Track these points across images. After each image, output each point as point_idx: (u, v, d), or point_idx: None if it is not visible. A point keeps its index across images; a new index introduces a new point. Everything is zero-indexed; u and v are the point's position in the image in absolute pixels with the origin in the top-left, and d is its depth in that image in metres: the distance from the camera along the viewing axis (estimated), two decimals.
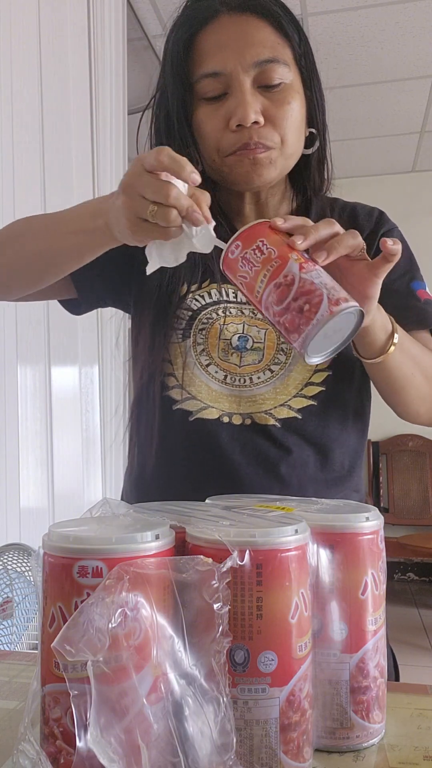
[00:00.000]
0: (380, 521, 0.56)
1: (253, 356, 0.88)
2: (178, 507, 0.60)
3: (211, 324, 0.90)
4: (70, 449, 2.18)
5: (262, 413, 0.87)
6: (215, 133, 0.85)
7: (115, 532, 0.47)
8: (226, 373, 0.88)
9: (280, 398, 0.88)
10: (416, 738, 0.54)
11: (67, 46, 2.16)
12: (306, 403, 0.88)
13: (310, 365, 0.87)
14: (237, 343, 0.89)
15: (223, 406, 0.88)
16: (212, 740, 0.42)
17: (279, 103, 0.84)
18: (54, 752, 0.44)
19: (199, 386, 0.89)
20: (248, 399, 0.88)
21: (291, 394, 0.88)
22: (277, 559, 0.47)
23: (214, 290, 0.92)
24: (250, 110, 0.82)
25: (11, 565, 1.65)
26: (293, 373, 0.88)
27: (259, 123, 0.83)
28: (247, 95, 0.82)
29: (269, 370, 0.88)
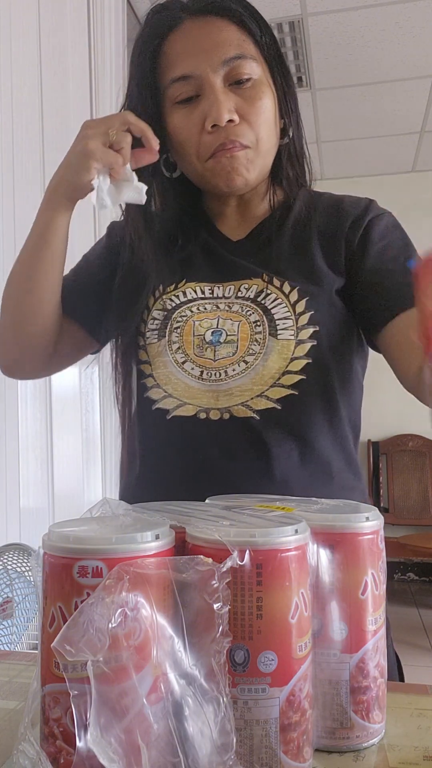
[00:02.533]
0: (380, 521, 0.56)
1: (227, 349, 0.88)
2: (178, 507, 0.60)
3: (185, 321, 0.90)
4: (70, 449, 2.18)
5: (239, 406, 0.86)
6: (192, 138, 0.86)
7: (115, 532, 0.47)
8: (202, 369, 0.88)
9: (257, 389, 0.86)
10: (416, 738, 0.54)
11: (67, 46, 2.16)
12: (284, 392, 0.86)
13: (286, 353, 0.86)
14: (210, 338, 0.89)
15: (201, 402, 0.87)
16: (212, 740, 0.42)
17: (251, 100, 0.85)
18: (54, 752, 0.44)
19: (176, 384, 0.89)
20: (225, 393, 0.86)
21: (268, 384, 0.86)
22: (277, 559, 0.47)
23: (189, 289, 0.92)
24: (224, 109, 0.82)
25: (11, 565, 1.65)
26: (269, 362, 0.86)
27: (234, 121, 0.83)
28: (220, 94, 0.83)
29: (244, 361, 0.87)
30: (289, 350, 0.86)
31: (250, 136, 0.85)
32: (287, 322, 0.87)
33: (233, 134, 0.84)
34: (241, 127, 0.84)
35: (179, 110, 0.87)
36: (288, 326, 0.87)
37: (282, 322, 0.87)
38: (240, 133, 0.84)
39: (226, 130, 0.83)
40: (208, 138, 0.85)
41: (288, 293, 0.88)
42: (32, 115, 1.93)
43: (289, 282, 0.89)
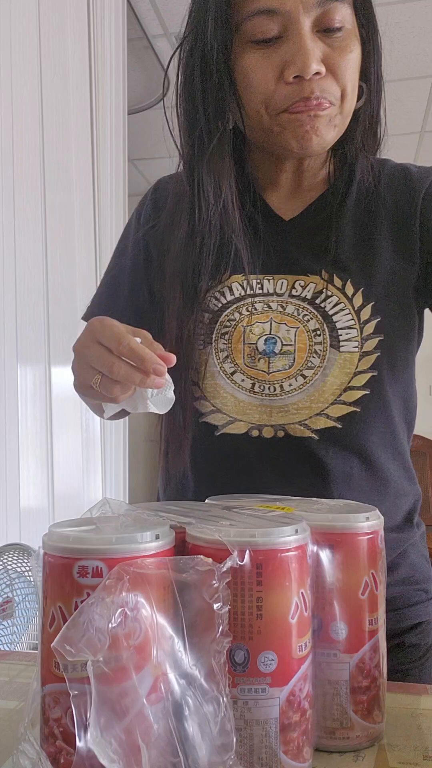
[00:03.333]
0: (380, 521, 0.56)
1: (283, 361, 0.79)
2: (178, 507, 0.60)
3: (234, 326, 0.81)
4: (70, 449, 2.18)
5: (295, 424, 0.78)
6: (265, 85, 0.72)
7: (115, 532, 0.46)
8: (254, 381, 0.80)
9: (316, 407, 0.78)
10: (416, 738, 0.54)
11: (67, 46, 2.16)
12: (347, 410, 0.78)
13: (349, 368, 0.77)
14: (264, 347, 0.80)
15: (252, 418, 0.79)
16: (212, 740, 0.42)
17: (341, 52, 0.72)
18: (54, 752, 0.44)
19: (225, 398, 0.81)
20: (279, 409, 0.79)
21: (328, 401, 0.78)
22: (277, 559, 0.47)
23: (236, 284, 0.82)
24: (312, 59, 0.69)
25: (11, 565, 1.65)
26: (330, 378, 0.77)
27: (320, 74, 0.71)
28: (308, 41, 0.70)
29: (302, 375, 0.78)
30: (353, 364, 0.78)
31: (336, 91, 0.73)
32: (351, 332, 0.78)
33: (318, 88, 0.71)
34: (327, 82, 0.72)
35: (254, 50, 0.72)
36: (352, 336, 0.78)
37: (345, 332, 0.78)
38: (325, 87, 0.72)
39: (310, 83, 0.71)
40: (286, 89, 0.72)
41: (351, 296, 0.79)
42: (32, 115, 1.93)
43: (352, 282, 0.79)
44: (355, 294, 0.79)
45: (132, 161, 3.62)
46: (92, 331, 0.65)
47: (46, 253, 2.00)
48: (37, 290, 1.96)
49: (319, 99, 0.72)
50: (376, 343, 0.78)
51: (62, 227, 2.11)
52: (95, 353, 0.64)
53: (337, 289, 0.79)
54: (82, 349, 0.67)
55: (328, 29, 0.71)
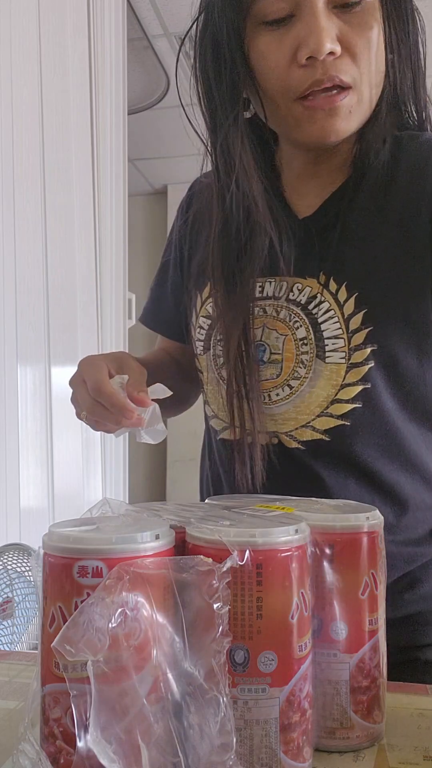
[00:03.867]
0: (380, 521, 0.56)
1: (271, 370, 0.77)
2: (178, 507, 0.60)
3: None
4: (70, 449, 2.18)
5: (284, 434, 0.77)
6: (280, 69, 0.68)
7: (115, 532, 0.47)
8: None
9: (302, 418, 0.75)
10: (416, 738, 0.54)
11: (67, 46, 2.16)
12: (334, 423, 0.74)
13: (335, 380, 0.74)
14: None
15: (246, 425, 0.77)
16: (212, 740, 0.42)
17: (359, 29, 0.66)
18: (54, 752, 0.44)
19: (221, 403, 0.80)
20: (270, 417, 0.77)
21: (314, 413, 0.75)
22: (277, 559, 0.47)
23: None
24: (326, 37, 0.64)
25: (11, 565, 1.65)
26: (316, 389, 0.74)
27: (335, 53, 0.65)
28: (321, 18, 0.64)
29: (288, 385, 0.76)
30: (340, 376, 0.74)
31: (353, 71, 0.67)
32: (338, 342, 0.74)
33: (333, 68, 0.66)
34: (343, 62, 0.66)
35: (267, 33, 0.68)
36: (338, 347, 0.73)
37: (332, 342, 0.74)
38: (341, 68, 0.66)
39: (324, 63, 0.65)
40: (300, 72, 0.67)
41: (343, 303, 0.74)
42: (32, 115, 1.93)
43: (347, 286, 0.73)
44: (347, 300, 0.74)
45: (132, 161, 3.62)
46: (80, 369, 0.71)
47: (46, 253, 2.00)
48: (37, 290, 1.96)
49: (334, 80, 0.66)
50: (367, 354, 0.73)
51: (62, 227, 2.11)
52: (80, 392, 0.71)
53: (330, 294, 0.75)
54: (72, 385, 0.73)
55: (345, 4, 0.66)
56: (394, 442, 0.76)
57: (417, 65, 0.75)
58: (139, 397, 0.67)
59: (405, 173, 0.74)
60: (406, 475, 0.77)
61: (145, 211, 4.33)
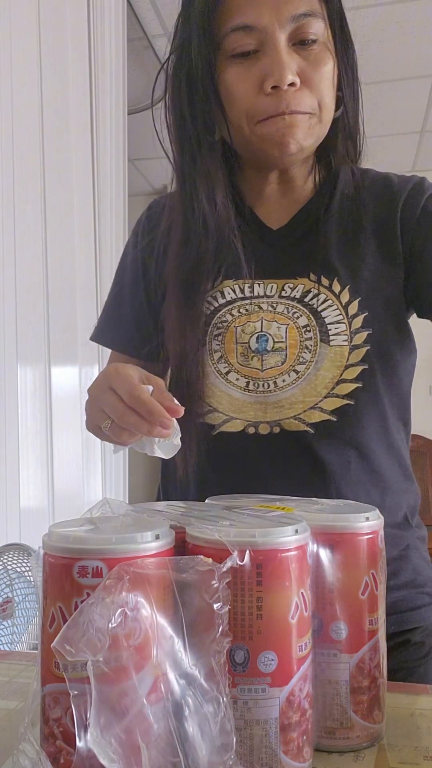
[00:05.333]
0: (380, 521, 0.56)
1: (276, 358, 0.81)
2: (178, 507, 0.60)
3: (227, 327, 0.83)
4: (70, 449, 2.18)
5: (291, 419, 0.80)
6: (247, 97, 0.76)
7: (115, 532, 0.47)
8: (248, 380, 0.82)
9: (310, 400, 0.80)
10: (416, 738, 0.54)
11: (67, 46, 2.16)
12: (340, 403, 0.80)
13: (340, 361, 0.80)
14: (256, 345, 0.82)
15: (248, 416, 0.81)
16: (212, 740, 0.42)
17: (315, 64, 0.76)
18: (54, 752, 0.44)
19: (220, 397, 0.83)
20: (274, 405, 0.81)
21: (321, 394, 0.80)
22: (277, 559, 0.47)
23: (228, 288, 0.85)
24: (288, 71, 0.74)
25: (11, 565, 1.65)
26: (321, 371, 0.80)
27: (295, 85, 0.75)
28: (284, 54, 0.74)
29: (294, 371, 0.80)
30: (344, 357, 0.80)
31: (312, 102, 0.76)
32: (340, 326, 0.80)
33: (294, 101, 0.75)
34: (302, 93, 0.76)
35: (235, 64, 0.77)
36: (341, 330, 0.80)
37: (334, 327, 0.80)
38: (300, 99, 0.76)
39: (286, 94, 0.75)
40: (265, 100, 0.76)
41: (339, 293, 0.82)
42: (32, 115, 1.93)
43: (339, 280, 0.82)
44: (342, 291, 0.82)
45: (132, 161, 3.62)
46: (107, 377, 0.68)
47: (46, 253, 2.00)
48: (37, 290, 1.96)
49: (292, 111, 0.75)
50: (365, 337, 0.81)
51: (62, 227, 2.11)
52: (108, 399, 0.67)
53: (324, 287, 0.82)
54: (96, 393, 0.71)
55: (303, 42, 0.76)
56: (384, 424, 0.83)
57: (358, 104, 0.85)
58: (173, 407, 0.66)
59: (369, 196, 0.86)
60: (388, 457, 0.84)
61: None
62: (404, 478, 0.87)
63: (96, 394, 0.71)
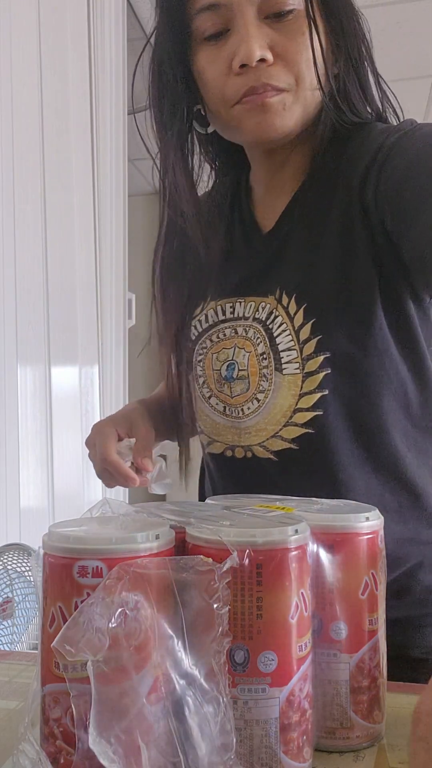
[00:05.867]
0: (380, 521, 0.56)
1: (241, 385, 0.80)
2: (178, 507, 0.60)
3: (206, 353, 0.84)
4: (70, 449, 2.18)
5: (257, 446, 0.80)
6: (219, 80, 0.72)
7: (115, 532, 0.47)
8: (224, 405, 0.82)
9: (270, 429, 0.78)
10: None
11: (67, 46, 2.16)
12: (300, 431, 0.76)
13: (294, 390, 0.76)
14: (226, 373, 0.81)
15: (226, 439, 0.83)
16: (212, 740, 0.42)
17: (291, 35, 0.69)
18: (54, 752, 0.44)
19: (205, 420, 0.85)
20: (245, 431, 0.81)
21: (280, 423, 0.77)
22: (277, 559, 0.47)
23: (211, 311, 0.84)
24: (254, 45, 0.67)
25: (11, 565, 1.65)
26: (279, 400, 0.77)
27: (267, 60, 0.69)
28: (251, 27, 0.68)
29: (256, 399, 0.79)
30: (297, 386, 0.76)
31: (288, 77, 0.70)
32: (291, 354, 0.76)
33: (266, 76, 0.69)
34: (276, 68, 0.69)
35: (207, 48, 0.72)
36: (292, 358, 0.76)
37: (286, 354, 0.76)
38: (274, 74, 0.69)
39: (257, 71, 0.69)
40: (236, 80, 0.70)
41: (294, 315, 0.76)
42: (32, 115, 1.93)
43: (295, 299, 0.76)
44: (297, 312, 0.76)
45: (132, 161, 3.62)
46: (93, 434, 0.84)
47: (46, 253, 2.00)
48: (37, 290, 1.96)
49: (266, 86, 0.69)
50: (321, 361, 0.74)
51: (62, 227, 2.11)
52: (92, 455, 0.83)
53: (283, 308, 0.77)
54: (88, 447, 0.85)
55: (278, 14, 0.69)
56: (363, 447, 0.77)
57: (361, 66, 0.77)
58: (143, 464, 0.80)
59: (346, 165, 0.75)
60: (384, 482, 0.78)
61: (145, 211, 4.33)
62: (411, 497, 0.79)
63: (89, 448, 0.84)
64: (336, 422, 0.76)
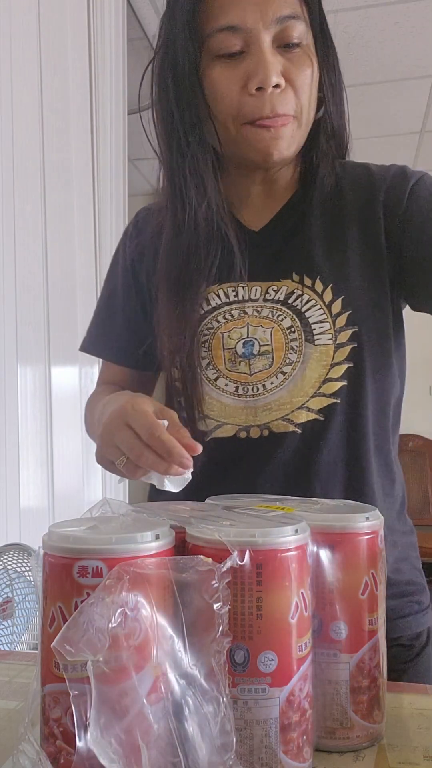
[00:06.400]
0: (380, 521, 0.56)
1: (263, 361, 0.82)
2: (178, 507, 0.60)
3: (213, 334, 0.84)
4: (70, 449, 2.18)
5: (279, 420, 0.81)
6: (232, 96, 0.77)
7: (115, 532, 0.47)
8: (237, 384, 0.82)
9: (297, 401, 0.81)
10: (416, 738, 0.54)
11: (67, 46, 2.16)
12: (327, 402, 0.81)
13: (326, 360, 0.80)
14: (243, 350, 0.82)
15: (239, 420, 0.82)
16: (212, 740, 0.42)
17: (299, 66, 0.77)
18: (54, 752, 0.44)
19: (211, 403, 0.84)
20: (263, 408, 0.81)
21: (308, 394, 0.81)
22: (277, 559, 0.47)
23: (213, 294, 0.85)
24: (272, 71, 0.75)
25: (11, 565, 1.65)
26: (308, 371, 0.80)
27: (280, 86, 0.76)
28: (269, 55, 0.75)
29: (281, 372, 0.81)
30: (329, 356, 0.80)
31: (294, 104, 0.78)
32: (324, 326, 0.81)
33: (278, 103, 0.76)
34: (286, 95, 0.77)
35: (220, 64, 0.77)
36: (325, 330, 0.81)
37: (318, 326, 0.81)
38: (285, 101, 0.77)
39: (271, 96, 0.76)
40: (250, 100, 0.77)
41: (322, 293, 0.82)
42: (32, 115, 1.93)
43: (321, 279, 0.82)
44: (325, 290, 0.82)
45: (132, 161, 3.62)
46: (124, 413, 0.67)
47: (46, 253, 2.00)
48: (37, 290, 1.96)
49: (277, 115, 0.77)
50: (350, 335, 0.81)
51: (62, 227, 2.11)
52: (125, 437, 0.67)
53: (307, 288, 0.82)
54: (110, 428, 0.69)
55: (287, 45, 0.77)
56: (375, 424, 0.83)
57: (342, 107, 0.87)
58: (191, 444, 0.66)
59: (351, 188, 0.86)
60: (378, 461, 0.84)
61: None
62: (390, 483, 0.87)
63: (110, 430, 0.69)
64: (359, 394, 0.81)
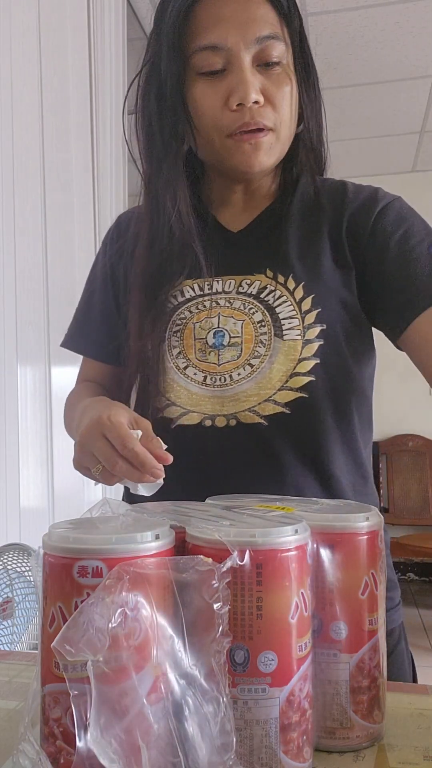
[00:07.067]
0: (380, 521, 0.56)
1: (232, 352, 0.84)
2: (178, 507, 0.60)
3: (185, 324, 0.87)
4: (70, 449, 2.17)
5: (245, 411, 0.83)
6: (214, 111, 0.82)
7: (115, 532, 0.47)
8: (205, 374, 0.85)
9: (264, 393, 0.83)
10: (416, 738, 0.54)
11: (67, 45, 2.16)
12: (293, 396, 0.82)
13: (293, 354, 0.83)
14: (213, 341, 0.85)
15: (205, 409, 0.84)
16: (212, 740, 0.42)
17: (277, 84, 0.82)
18: (54, 752, 0.44)
19: (178, 391, 0.86)
20: (231, 398, 0.83)
21: (275, 387, 0.82)
22: (277, 559, 0.47)
23: (187, 287, 0.89)
24: (252, 89, 0.79)
25: (11, 565, 1.65)
26: (275, 365, 0.83)
27: (259, 102, 0.80)
28: (248, 73, 0.79)
29: (249, 365, 0.83)
30: (297, 351, 0.83)
31: (274, 118, 0.82)
32: (293, 321, 0.84)
33: (258, 115, 0.80)
34: (265, 110, 0.81)
35: (202, 81, 0.82)
36: (294, 325, 0.83)
37: (288, 322, 0.84)
38: (264, 114, 0.81)
39: (250, 110, 0.80)
40: (231, 115, 0.81)
41: (293, 290, 0.85)
42: (32, 115, 1.93)
43: (294, 277, 0.85)
44: (296, 288, 0.85)
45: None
46: (100, 424, 0.70)
47: (46, 253, 2.00)
48: (37, 290, 1.96)
49: (258, 124, 0.81)
50: (318, 332, 0.83)
51: (62, 227, 2.11)
52: (100, 447, 0.70)
53: (280, 284, 0.86)
54: (86, 439, 0.72)
55: (267, 63, 0.81)
56: (343, 422, 0.85)
57: (321, 123, 0.91)
58: (162, 455, 0.69)
59: (327, 200, 0.91)
60: (347, 459, 0.86)
61: None
62: (363, 481, 0.88)
63: (87, 439, 0.72)
64: (325, 390, 0.83)
